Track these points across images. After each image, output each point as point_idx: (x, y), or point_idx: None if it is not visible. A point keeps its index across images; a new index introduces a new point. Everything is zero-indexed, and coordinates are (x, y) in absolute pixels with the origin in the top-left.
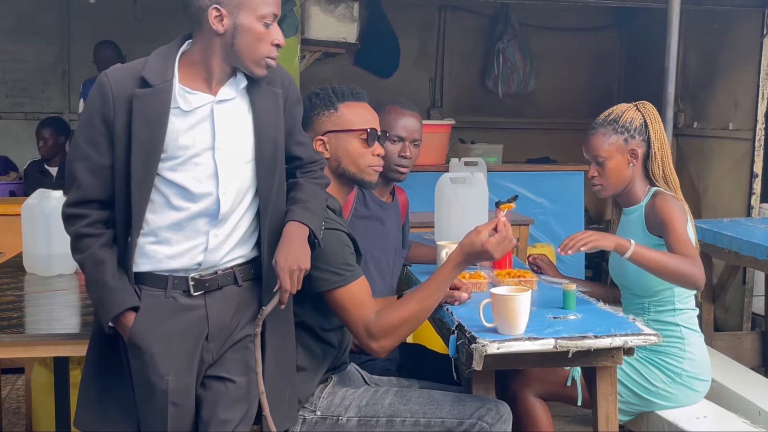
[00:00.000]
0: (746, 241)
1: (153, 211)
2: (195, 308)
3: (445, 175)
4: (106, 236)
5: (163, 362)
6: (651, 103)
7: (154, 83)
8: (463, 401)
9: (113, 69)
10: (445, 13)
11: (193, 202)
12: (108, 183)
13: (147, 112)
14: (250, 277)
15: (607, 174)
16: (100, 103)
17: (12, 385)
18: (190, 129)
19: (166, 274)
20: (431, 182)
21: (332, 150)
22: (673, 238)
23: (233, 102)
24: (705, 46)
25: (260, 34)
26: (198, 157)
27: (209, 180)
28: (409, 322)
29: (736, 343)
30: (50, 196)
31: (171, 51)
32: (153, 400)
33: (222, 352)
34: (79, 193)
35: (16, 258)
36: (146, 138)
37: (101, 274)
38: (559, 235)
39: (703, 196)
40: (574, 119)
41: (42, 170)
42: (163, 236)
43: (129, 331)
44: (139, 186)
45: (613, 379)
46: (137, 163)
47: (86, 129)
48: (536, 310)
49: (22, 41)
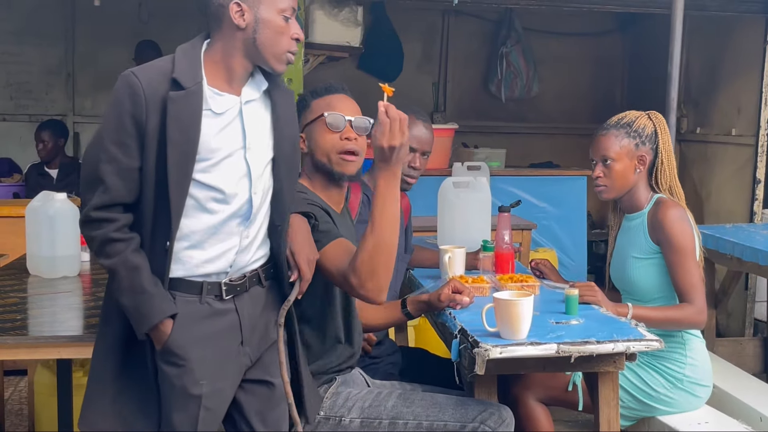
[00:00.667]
0: (748, 247)
1: (185, 215)
2: (227, 312)
3: (448, 180)
4: (136, 241)
5: (199, 368)
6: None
7: (187, 85)
8: (466, 405)
9: (141, 69)
10: (448, 18)
11: (226, 204)
12: (135, 186)
13: (181, 115)
14: (270, 276)
15: (613, 176)
16: (131, 104)
17: (15, 387)
18: (221, 131)
19: (200, 280)
20: (434, 186)
21: (309, 145)
22: (677, 261)
23: (257, 102)
24: (708, 51)
25: (281, 28)
26: (230, 158)
27: (242, 180)
28: (377, 252)
29: (738, 349)
30: (54, 199)
31: (195, 50)
32: (186, 405)
33: (260, 355)
34: (107, 196)
35: (19, 260)
36: (181, 141)
37: (138, 280)
38: (562, 240)
39: (705, 201)
40: (577, 124)
41: (42, 173)
42: (197, 240)
43: (166, 338)
44: (177, 189)
45: (615, 385)
46: (173, 166)
47: (114, 130)
48: (539, 315)
49: (27, 43)
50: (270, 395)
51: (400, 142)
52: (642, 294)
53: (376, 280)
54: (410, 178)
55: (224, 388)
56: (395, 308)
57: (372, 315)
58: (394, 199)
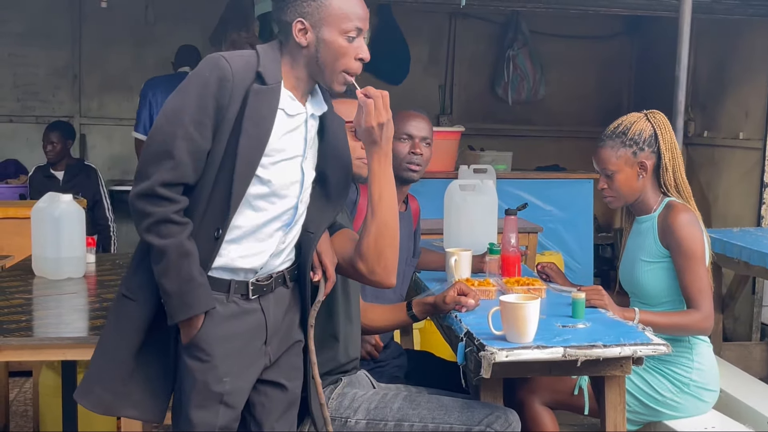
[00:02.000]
0: (756, 251)
1: None
2: (254, 312)
3: (454, 182)
4: (191, 227)
5: (223, 364)
6: (662, 113)
7: (270, 82)
8: (472, 408)
9: (231, 55)
10: (455, 20)
11: (273, 204)
12: (201, 168)
13: (260, 109)
14: (294, 278)
15: (617, 187)
16: (218, 87)
17: (20, 388)
18: (287, 133)
19: (228, 278)
20: (440, 189)
21: None
22: (686, 266)
23: (314, 119)
24: (716, 55)
25: (343, 49)
26: (288, 161)
27: (293, 185)
28: (381, 234)
29: (745, 353)
30: (59, 200)
31: (275, 53)
32: (206, 402)
33: (278, 356)
34: (175, 173)
35: (25, 261)
36: (255, 134)
37: (188, 267)
38: (568, 244)
39: (713, 205)
40: (583, 127)
41: (48, 175)
42: (237, 235)
43: (196, 331)
44: (241, 181)
45: (621, 389)
46: (242, 156)
47: (195, 109)
48: (545, 319)
49: (34, 45)
50: (283, 398)
51: (386, 118)
52: (650, 297)
53: (384, 262)
54: (414, 165)
55: (245, 387)
56: (401, 310)
57: (377, 317)
58: (388, 179)
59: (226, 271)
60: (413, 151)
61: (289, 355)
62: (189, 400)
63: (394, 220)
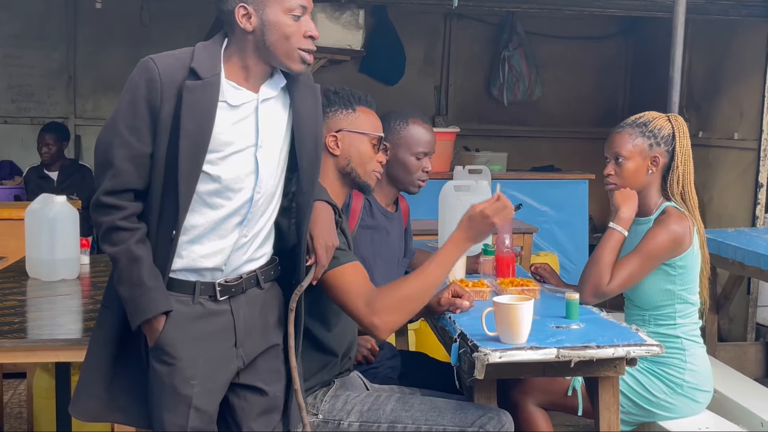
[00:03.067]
0: (751, 251)
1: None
2: (222, 313)
3: (449, 183)
4: (141, 231)
5: (190, 367)
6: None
7: (204, 76)
8: (465, 409)
9: (160, 56)
10: (450, 21)
11: (228, 200)
12: (146, 172)
13: (196, 105)
14: (270, 278)
15: (623, 174)
16: (147, 89)
17: (14, 390)
18: (234, 124)
19: (193, 280)
20: (435, 190)
21: (343, 148)
22: (632, 253)
23: (274, 100)
24: (710, 55)
25: (290, 27)
26: (239, 153)
27: (248, 177)
28: (412, 298)
29: (740, 354)
30: (53, 201)
31: (215, 46)
32: (175, 405)
33: (252, 358)
34: (116, 181)
35: (19, 263)
36: (194, 131)
37: (137, 271)
38: (563, 244)
39: (707, 205)
40: (579, 128)
41: (42, 176)
42: (196, 234)
43: (158, 334)
44: (186, 180)
45: (615, 390)
46: (185, 156)
47: (128, 115)
48: (539, 319)
49: (29, 46)
50: (261, 402)
51: (500, 225)
52: (644, 302)
53: (397, 317)
54: (423, 182)
55: (215, 389)
56: None
57: None
58: (453, 262)
59: (191, 272)
60: (426, 169)
61: (267, 358)
62: (160, 404)
63: (431, 294)
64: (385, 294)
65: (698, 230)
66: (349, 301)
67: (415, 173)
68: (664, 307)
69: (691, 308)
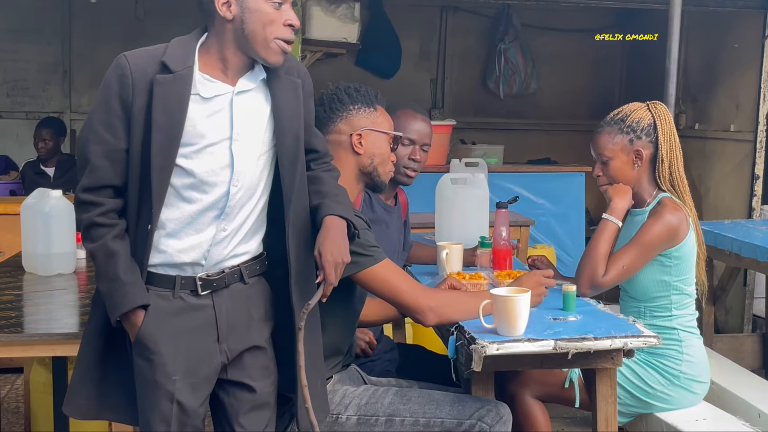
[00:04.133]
0: (747, 243)
1: (164, 203)
2: (203, 308)
3: (445, 176)
4: (119, 227)
5: (170, 362)
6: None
7: (176, 69)
8: (463, 402)
9: (133, 52)
10: (446, 14)
11: (203, 193)
12: (122, 168)
13: (168, 98)
14: (255, 273)
15: (611, 174)
16: (119, 85)
17: (11, 385)
18: (208, 117)
19: (173, 275)
20: (432, 183)
21: (367, 147)
22: (628, 245)
23: (251, 93)
24: (706, 47)
25: (270, 15)
26: (214, 146)
27: (223, 171)
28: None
29: (737, 345)
30: (49, 196)
31: (191, 40)
32: (158, 400)
33: (238, 354)
34: (93, 177)
35: (15, 257)
36: (166, 124)
37: (113, 267)
38: (560, 237)
39: (704, 197)
40: (575, 120)
41: (38, 171)
42: (172, 228)
43: (137, 329)
44: (159, 174)
45: (612, 381)
46: (157, 150)
47: (102, 111)
48: (536, 312)
49: (24, 41)
50: (250, 399)
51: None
52: (639, 294)
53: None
54: (410, 171)
55: (198, 384)
56: None
57: (369, 311)
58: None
59: (170, 267)
60: (412, 157)
61: (254, 356)
62: (144, 400)
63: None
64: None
65: (691, 215)
66: (398, 290)
67: (400, 159)
68: (659, 298)
69: (687, 299)
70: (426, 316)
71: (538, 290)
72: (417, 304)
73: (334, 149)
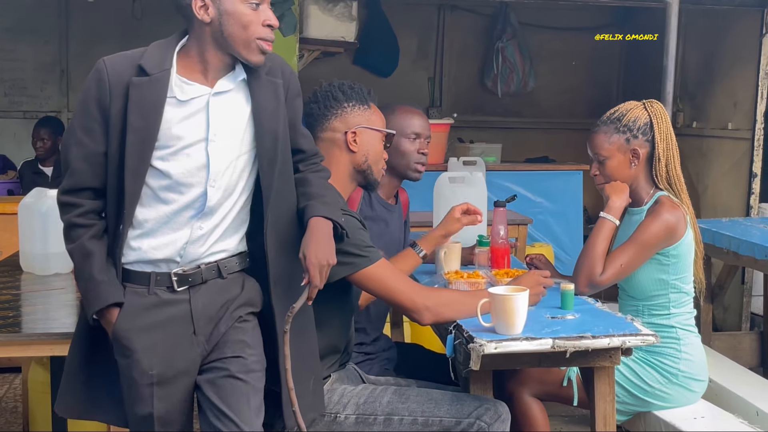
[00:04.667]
0: (745, 241)
1: (141, 204)
2: (178, 302)
3: (443, 175)
4: (97, 227)
5: (146, 357)
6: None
7: (152, 72)
8: (462, 400)
9: (112, 56)
10: (444, 12)
11: (180, 194)
12: (101, 170)
13: (143, 101)
14: (234, 270)
15: (608, 173)
16: (96, 89)
17: (9, 385)
18: (184, 119)
19: (148, 271)
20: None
21: (361, 145)
22: (626, 243)
23: (230, 94)
24: (704, 45)
25: (248, 17)
26: (190, 148)
27: (199, 172)
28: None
29: (735, 343)
30: (47, 195)
31: (170, 43)
32: (140, 397)
33: (216, 341)
34: (72, 180)
35: (12, 257)
36: (141, 126)
37: (88, 266)
38: (558, 235)
39: (702, 195)
40: (573, 119)
41: (36, 171)
42: (148, 228)
43: (112, 326)
44: (133, 175)
45: (611, 380)
46: (131, 151)
47: (81, 115)
48: (534, 310)
49: (21, 40)
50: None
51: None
52: (637, 292)
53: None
54: (420, 166)
55: (178, 377)
56: (410, 257)
57: None
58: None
59: (145, 264)
60: (422, 151)
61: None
62: (128, 399)
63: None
64: (434, 289)
65: (689, 213)
66: (394, 290)
67: (411, 155)
68: (657, 296)
69: (685, 297)
70: (422, 316)
71: (537, 290)
72: (413, 303)
73: (328, 147)
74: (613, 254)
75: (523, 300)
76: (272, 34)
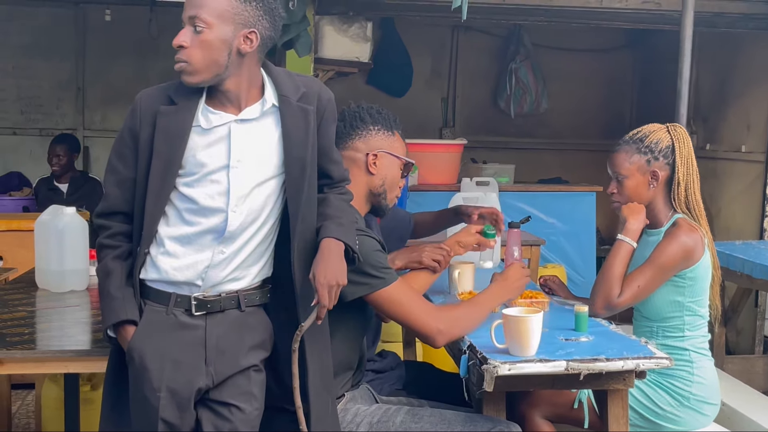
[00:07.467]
0: (759, 264)
1: (166, 223)
2: (194, 328)
3: (457, 195)
4: (122, 249)
5: (156, 378)
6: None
7: (179, 101)
8: (475, 421)
9: (150, 88)
10: (458, 34)
11: (203, 217)
12: (131, 196)
13: (169, 128)
14: (255, 303)
15: (626, 193)
16: (130, 118)
17: (22, 401)
18: (207, 147)
19: (170, 291)
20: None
21: (381, 169)
22: (644, 265)
23: (256, 121)
24: (718, 68)
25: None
26: (213, 174)
27: (221, 197)
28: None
29: (748, 367)
30: (63, 213)
31: None
32: (145, 415)
33: (225, 378)
34: (105, 204)
35: (28, 274)
36: (165, 152)
37: (107, 284)
38: (571, 256)
39: (715, 218)
40: (586, 140)
41: (51, 187)
42: (171, 248)
43: (127, 343)
44: (155, 197)
45: (624, 402)
46: (155, 175)
47: (118, 143)
48: (548, 332)
49: (38, 57)
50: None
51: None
52: (652, 313)
53: (456, 332)
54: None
55: (182, 403)
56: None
57: None
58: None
59: (167, 284)
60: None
61: (240, 378)
62: (134, 413)
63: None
64: (445, 309)
65: (707, 237)
66: (409, 313)
67: None
68: (672, 318)
69: (700, 320)
70: (436, 340)
71: (523, 281)
72: (428, 327)
73: (347, 165)
74: (630, 276)
75: (537, 322)
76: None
